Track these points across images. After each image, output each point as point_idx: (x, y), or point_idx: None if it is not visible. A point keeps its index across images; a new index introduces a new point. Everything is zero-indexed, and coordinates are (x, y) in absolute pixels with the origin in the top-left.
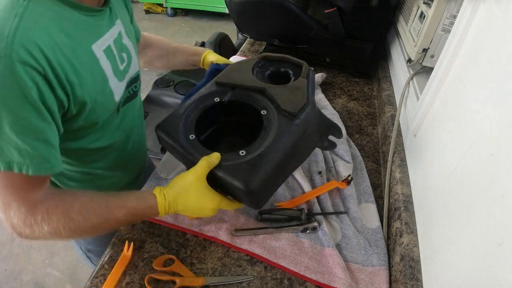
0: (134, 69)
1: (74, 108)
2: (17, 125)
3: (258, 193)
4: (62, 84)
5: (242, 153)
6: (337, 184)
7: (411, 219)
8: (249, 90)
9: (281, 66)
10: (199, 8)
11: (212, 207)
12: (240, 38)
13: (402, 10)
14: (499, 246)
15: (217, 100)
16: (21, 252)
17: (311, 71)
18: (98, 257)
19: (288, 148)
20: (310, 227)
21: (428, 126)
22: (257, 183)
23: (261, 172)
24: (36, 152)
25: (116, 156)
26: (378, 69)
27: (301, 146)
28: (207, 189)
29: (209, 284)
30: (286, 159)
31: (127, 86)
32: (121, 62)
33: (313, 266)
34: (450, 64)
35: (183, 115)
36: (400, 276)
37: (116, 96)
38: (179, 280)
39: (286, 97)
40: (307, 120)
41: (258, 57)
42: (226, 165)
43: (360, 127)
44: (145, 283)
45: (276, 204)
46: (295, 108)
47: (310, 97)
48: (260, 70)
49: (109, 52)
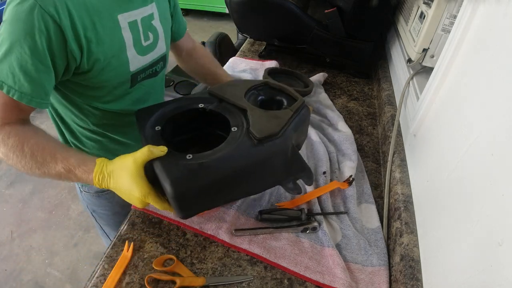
0: (160, 51)
1: (86, 64)
2: (19, 55)
3: (182, 199)
4: (78, 38)
5: (189, 156)
6: (338, 185)
7: (411, 219)
8: (233, 106)
9: (278, 94)
10: (199, 8)
11: (139, 197)
12: (240, 38)
13: (402, 10)
14: (499, 246)
15: (201, 106)
16: (21, 252)
17: (305, 108)
18: (101, 218)
19: (236, 168)
20: (310, 227)
21: (428, 126)
22: (184, 189)
23: (194, 180)
24: (26, 83)
25: (127, 124)
26: (378, 69)
27: (254, 174)
28: (139, 176)
29: (209, 284)
30: (230, 180)
31: (151, 65)
32: (145, 39)
33: (313, 266)
34: (450, 64)
35: (162, 107)
36: (400, 276)
37: (132, 66)
38: (179, 280)
39: (261, 121)
40: (272, 151)
41: (260, 81)
42: (165, 160)
43: (360, 127)
44: (145, 283)
45: (277, 204)
46: (262, 133)
47: (287, 131)
48: (256, 92)
49: (134, 25)
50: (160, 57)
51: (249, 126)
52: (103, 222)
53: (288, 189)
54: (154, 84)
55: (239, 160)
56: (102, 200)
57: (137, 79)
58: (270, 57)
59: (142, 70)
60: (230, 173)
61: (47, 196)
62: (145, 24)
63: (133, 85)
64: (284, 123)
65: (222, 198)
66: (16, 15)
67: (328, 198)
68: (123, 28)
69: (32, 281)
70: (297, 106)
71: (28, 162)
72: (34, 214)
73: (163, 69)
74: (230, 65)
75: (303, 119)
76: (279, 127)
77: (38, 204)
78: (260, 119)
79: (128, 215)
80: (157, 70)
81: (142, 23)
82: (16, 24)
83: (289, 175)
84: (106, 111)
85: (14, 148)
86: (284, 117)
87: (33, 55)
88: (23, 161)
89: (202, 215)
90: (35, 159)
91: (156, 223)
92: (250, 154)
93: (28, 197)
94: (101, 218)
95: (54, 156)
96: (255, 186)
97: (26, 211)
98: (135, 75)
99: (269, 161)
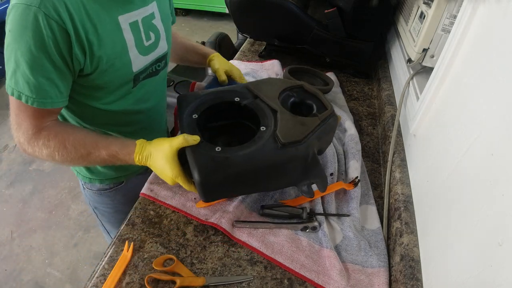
0: (161, 50)
1: (90, 66)
2: (31, 62)
3: (206, 186)
4: (81, 41)
5: (218, 149)
6: (343, 185)
7: (411, 219)
8: (266, 105)
9: (311, 99)
10: (199, 8)
11: (171, 176)
12: (240, 38)
13: (402, 10)
14: (499, 246)
15: (237, 99)
16: (21, 252)
17: (333, 118)
18: (103, 215)
19: (257, 166)
20: (310, 226)
21: (428, 126)
22: (209, 178)
23: (219, 171)
24: (42, 88)
25: (129, 123)
26: (378, 69)
27: (273, 173)
28: (173, 159)
29: (209, 284)
30: (251, 176)
31: (152, 63)
32: (147, 39)
33: (308, 265)
34: (450, 64)
35: (202, 97)
36: (400, 276)
37: (134, 67)
38: (179, 280)
39: (288, 126)
40: (293, 155)
41: (296, 83)
42: (197, 150)
43: (360, 127)
44: (145, 283)
45: (280, 201)
46: (286, 139)
47: (311, 139)
48: (290, 94)
49: (135, 26)
50: (162, 55)
51: (276, 128)
52: (104, 219)
53: (302, 191)
54: (155, 83)
55: (261, 160)
56: (104, 197)
57: (139, 78)
58: (270, 57)
59: (144, 70)
60: (252, 170)
61: (47, 196)
62: (146, 24)
63: (135, 85)
64: (309, 131)
65: (241, 190)
66: (22, 24)
67: (332, 198)
68: (124, 30)
69: (32, 281)
70: (325, 115)
71: (74, 157)
72: (34, 214)
73: (164, 68)
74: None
75: (329, 129)
76: (303, 134)
77: (38, 204)
78: (288, 123)
79: (129, 214)
80: (157, 68)
81: (143, 23)
82: (24, 32)
83: (306, 179)
84: (108, 111)
85: (57, 149)
86: (310, 125)
87: (45, 61)
88: (69, 158)
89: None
90: (79, 153)
91: (156, 223)
92: (272, 155)
93: (28, 197)
94: (102, 215)
95: (97, 146)
96: (273, 185)
97: (26, 211)
98: (137, 75)
99: (289, 164)
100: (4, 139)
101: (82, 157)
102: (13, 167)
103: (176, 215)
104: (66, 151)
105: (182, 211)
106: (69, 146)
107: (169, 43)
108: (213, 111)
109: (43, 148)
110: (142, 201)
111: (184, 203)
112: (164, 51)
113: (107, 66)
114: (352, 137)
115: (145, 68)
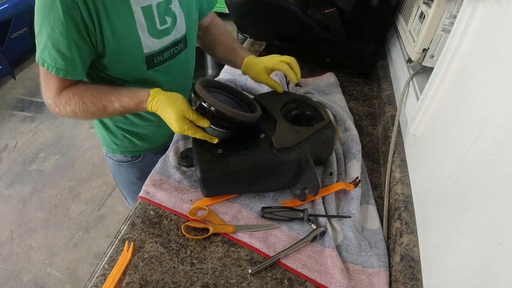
0: (178, 34)
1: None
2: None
3: (206, 181)
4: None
5: (219, 151)
6: (344, 186)
7: (411, 219)
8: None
9: (311, 110)
10: None
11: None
12: (240, 38)
13: (402, 10)
14: (499, 246)
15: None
16: (21, 252)
17: (329, 129)
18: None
19: (253, 167)
20: (319, 233)
21: (428, 126)
22: (209, 175)
23: (218, 170)
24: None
25: None
26: (378, 69)
27: (267, 174)
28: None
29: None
30: (247, 175)
31: (169, 46)
32: (161, 23)
33: (310, 265)
34: (450, 64)
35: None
36: (400, 276)
37: (145, 48)
38: (212, 228)
39: (283, 133)
40: (285, 159)
41: (299, 96)
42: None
43: (360, 127)
44: (182, 230)
45: (281, 201)
46: (280, 144)
47: (303, 146)
48: (293, 106)
49: (148, 10)
50: (179, 39)
51: (273, 135)
52: (121, 186)
53: (294, 194)
54: (176, 65)
55: (257, 162)
56: (121, 168)
57: (153, 61)
58: None
59: (159, 52)
60: (248, 170)
61: (47, 196)
62: (162, 9)
63: (150, 67)
64: (302, 139)
65: (238, 188)
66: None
67: (332, 199)
68: (135, 12)
69: (32, 281)
70: (321, 125)
71: (94, 111)
72: (34, 214)
73: (184, 50)
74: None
75: (325, 138)
76: (295, 141)
77: (38, 204)
78: (283, 131)
79: (129, 213)
80: (175, 52)
81: (158, 8)
82: (44, 8)
83: (300, 183)
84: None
85: (78, 105)
86: (304, 134)
87: (62, 34)
88: (90, 112)
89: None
90: (97, 107)
91: (156, 223)
92: (267, 158)
93: (28, 197)
94: (119, 183)
95: (110, 99)
96: (267, 185)
97: (26, 211)
98: (150, 57)
99: (282, 167)
100: (4, 139)
101: (100, 110)
102: (13, 167)
103: (176, 215)
104: (86, 107)
105: (179, 213)
106: (87, 102)
107: (189, 27)
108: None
109: (66, 106)
110: (142, 201)
111: (181, 205)
112: (181, 34)
113: (116, 45)
114: (352, 137)
115: (161, 50)
